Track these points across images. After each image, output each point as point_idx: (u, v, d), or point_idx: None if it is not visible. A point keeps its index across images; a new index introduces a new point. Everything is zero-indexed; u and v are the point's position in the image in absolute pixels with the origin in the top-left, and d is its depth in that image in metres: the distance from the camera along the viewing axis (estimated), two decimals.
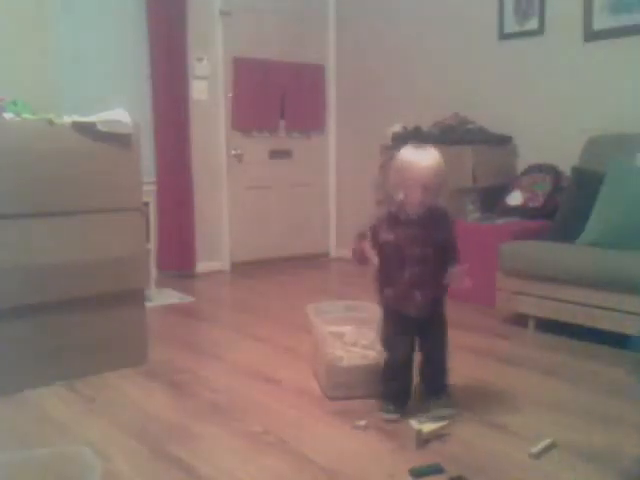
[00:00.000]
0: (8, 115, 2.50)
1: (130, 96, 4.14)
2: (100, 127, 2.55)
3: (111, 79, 4.27)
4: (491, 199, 3.99)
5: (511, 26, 4.17)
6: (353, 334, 2.52)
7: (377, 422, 2.13)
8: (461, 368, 2.45)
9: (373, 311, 2.59)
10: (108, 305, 2.65)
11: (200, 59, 4.75)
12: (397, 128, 4.53)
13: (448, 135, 4.15)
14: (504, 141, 4.15)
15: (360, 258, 2.21)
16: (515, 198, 3.85)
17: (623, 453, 1.93)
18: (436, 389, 2.21)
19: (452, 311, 2.26)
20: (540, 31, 4.02)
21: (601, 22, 3.71)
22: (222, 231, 5.01)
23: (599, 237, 3.06)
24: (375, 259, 2.16)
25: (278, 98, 5.17)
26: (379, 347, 2.41)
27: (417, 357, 2.23)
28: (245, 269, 4.99)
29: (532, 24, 4.05)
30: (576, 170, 3.48)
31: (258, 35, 5.00)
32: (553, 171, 3.80)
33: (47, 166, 2.46)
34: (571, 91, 3.88)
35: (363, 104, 5.25)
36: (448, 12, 4.54)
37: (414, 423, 1.98)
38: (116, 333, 2.68)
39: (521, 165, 4.09)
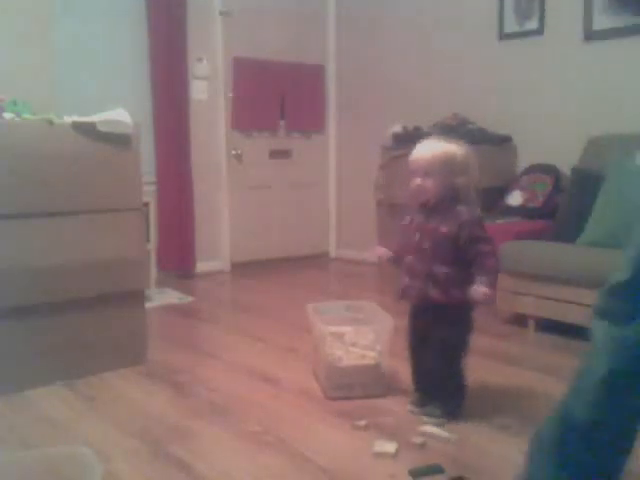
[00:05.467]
0: (8, 115, 2.50)
1: (130, 96, 4.15)
2: (100, 127, 2.55)
3: (111, 79, 4.27)
4: (491, 199, 3.98)
5: (511, 26, 4.17)
6: (353, 334, 2.51)
7: (377, 422, 2.13)
8: None
9: (373, 311, 2.60)
10: (108, 305, 2.65)
11: (200, 59, 4.75)
12: (397, 128, 4.54)
13: (448, 135, 4.14)
14: (504, 141, 4.15)
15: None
16: (515, 198, 3.85)
17: None
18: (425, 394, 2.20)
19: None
20: (540, 31, 4.02)
21: (601, 22, 3.71)
22: (222, 231, 5.01)
23: (599, 237, 3.06)
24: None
25: (278, 98, 5.17)
26: (379, 347, 2.42)
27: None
28: (245, 269, 4.99)
29: (532, 24, 4.05)
30: (576, 170, 3.48)
31: (258, 35, 5.00)
32: (553, 171, 3.80)
33: (47, 166, 2.46)
34: (571, 91, 3.88)
35: (363, 104, 5.25)
36: (448, 12, 4.54)
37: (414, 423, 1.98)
38: (116, 333, 2.68)
39: (521, 165, 4.09)
